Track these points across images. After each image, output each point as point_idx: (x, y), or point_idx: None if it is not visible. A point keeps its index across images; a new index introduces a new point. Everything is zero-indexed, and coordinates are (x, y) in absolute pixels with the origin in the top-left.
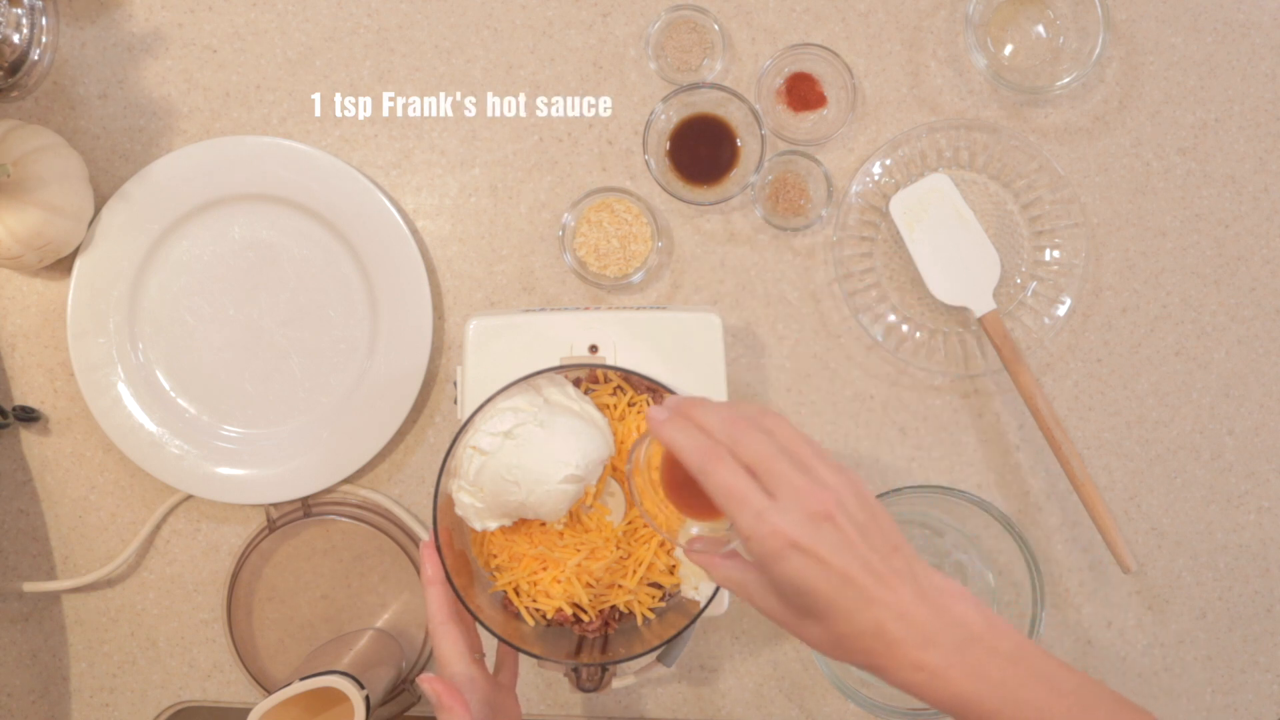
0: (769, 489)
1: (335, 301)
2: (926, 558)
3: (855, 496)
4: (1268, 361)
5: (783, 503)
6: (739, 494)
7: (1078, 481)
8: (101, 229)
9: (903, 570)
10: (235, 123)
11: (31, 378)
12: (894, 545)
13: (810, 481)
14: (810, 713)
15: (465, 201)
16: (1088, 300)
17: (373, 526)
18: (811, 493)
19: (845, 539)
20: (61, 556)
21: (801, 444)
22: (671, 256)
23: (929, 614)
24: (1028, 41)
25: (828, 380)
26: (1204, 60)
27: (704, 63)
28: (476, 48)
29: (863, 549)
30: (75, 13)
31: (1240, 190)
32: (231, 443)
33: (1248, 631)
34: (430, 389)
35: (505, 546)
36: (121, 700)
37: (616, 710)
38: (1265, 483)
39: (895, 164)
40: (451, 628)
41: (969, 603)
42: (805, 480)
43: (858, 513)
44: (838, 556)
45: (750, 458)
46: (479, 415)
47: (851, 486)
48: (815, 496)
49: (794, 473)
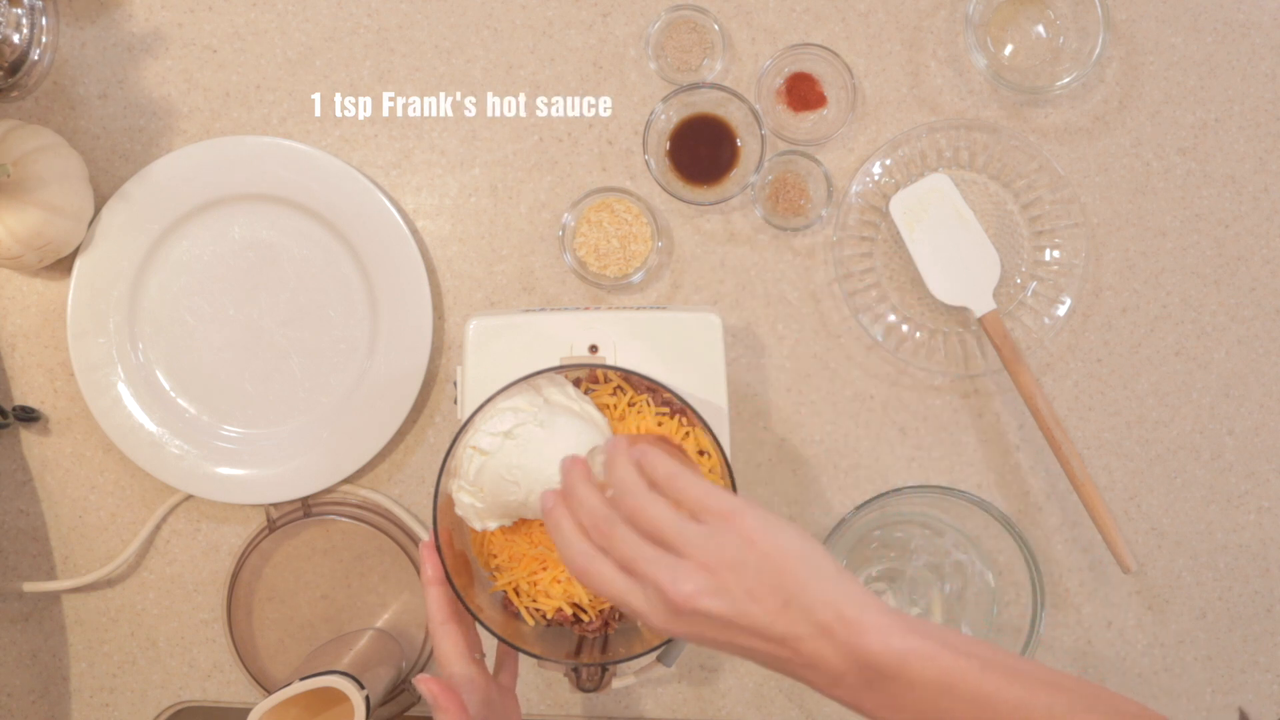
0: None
1: (335, 301)
2: (926, 558)
3: (736, 549)
4: (1268, 361)
5: (652, 601)
6: (617, 597)
7: (1078, 481)
8: (101, 229)
9: (798, 620)
10: (235, 123)
11: (31, 378)
12: (785, 599)
13: (673, 576)
14: (810, 713)
15: (465, 201)
16: (1088, 300)
17: (373, 526)
18: (673, 590)
19: (721, 620)
20: (61, 556)
21: (688, 493)
22: (671, 256)
23: (834, 655)
24: (1028, 41)
25: (828, 380)
26: (1204, 60)
27: (704, 63)
28: (476, 48)
29: (747, 620)
30: (75, 13)
31: (1240, 190)
32: (231, 443)
33: (1248, 631)
34: (430, 389)
35: (505, 546)
36: (121, 700)
37: (616, 710)
38: (1265, 483)
39: (895, 164)
40: (452, 628)
41: (888, 634)
42: (669, 574)
43: (737, 581)
44: (723, 633)
45: (619, 558)
46: (479, 415)
47: (733, 537)
48: (677, 594)
49: (660, 568)
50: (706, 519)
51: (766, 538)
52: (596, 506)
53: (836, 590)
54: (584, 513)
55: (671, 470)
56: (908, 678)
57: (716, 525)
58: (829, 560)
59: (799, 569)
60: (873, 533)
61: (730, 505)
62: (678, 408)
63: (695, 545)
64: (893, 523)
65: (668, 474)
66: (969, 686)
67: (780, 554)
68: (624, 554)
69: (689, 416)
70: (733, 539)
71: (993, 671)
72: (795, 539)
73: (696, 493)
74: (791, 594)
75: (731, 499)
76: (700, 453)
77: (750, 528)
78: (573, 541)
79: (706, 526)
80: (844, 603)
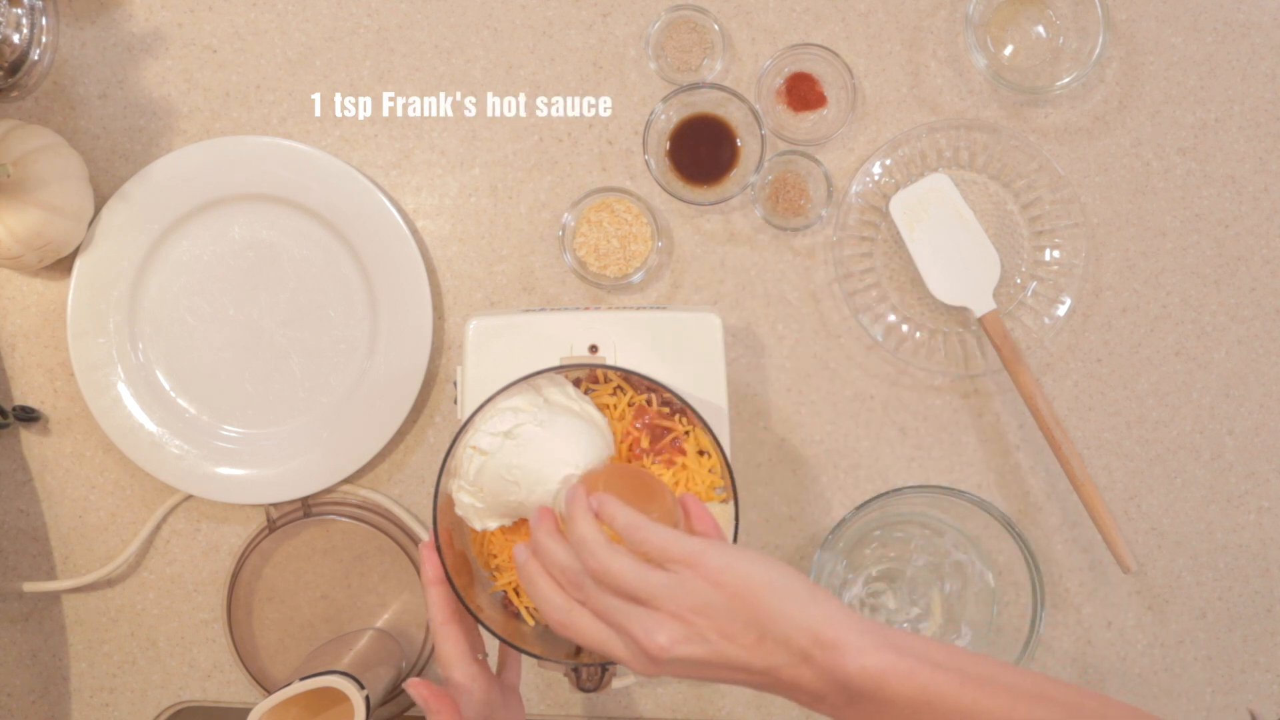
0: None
1: (335, 301)
2: (926, 558)
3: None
4: (1268, 361)
5: (631, 650)
6: (598, 648)
7: (1078, 481)
8: (101, 229)
9: (775, 650)
10: (235, 123)
11: (31, 378)
12: (760, 633)
13: (645, 628)
14: (810, 713)
15: (465, 201)
16: (1088, 300)
17: (373, 526)
18: (648, 642)
19: (700, 662)
20: (61, 556)
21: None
22: (671, 256)
23: (814, 679)
24: (1028, 41)
25: (828, 380)
26: (1204, 60)
27: (704, 63)
28: (476, 48)
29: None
30: (75, 13)
31: (1240, 190)
32: (231, 443)
33: (1248, 631)
34: (430, 389)
35: (505, 546)
36: (121, 700)
37: (616, 710)
38: (1265, 483)
39: (895, 164)
40: (453, 627)
41: (864, 654)
42: (640, 627)
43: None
44: (705, 672)
45: (596, 610)
46: (479, 415)
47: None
48: (651, 646)
49: (632, 622)
50: (670, 566)
51: (732, 576)
52: (566, 561)
53: (811, 613)
54: (554, 568)
55: (630, 521)
56: (886, 695)
57: (681, 572)
58: (801, 582)
59: (769, 599)
60: (873, 533)
61: (691, 550)
62: (678, 408)
63: (663, 596)
64: (893, 523)
65: (626, 525)
66: (948, 701)
67: (748, 589)
68: (597, 607)
69: (689, 416)
70: (699, 584)
71: (972, 685)
72: (761, 569)
73: (658, 541)
74: (765, 626)
75: (692, 542)
76: (700, 453)
77: (715, 569)
78: (549, 596)
79: (671, 574)
80: (820, 625)
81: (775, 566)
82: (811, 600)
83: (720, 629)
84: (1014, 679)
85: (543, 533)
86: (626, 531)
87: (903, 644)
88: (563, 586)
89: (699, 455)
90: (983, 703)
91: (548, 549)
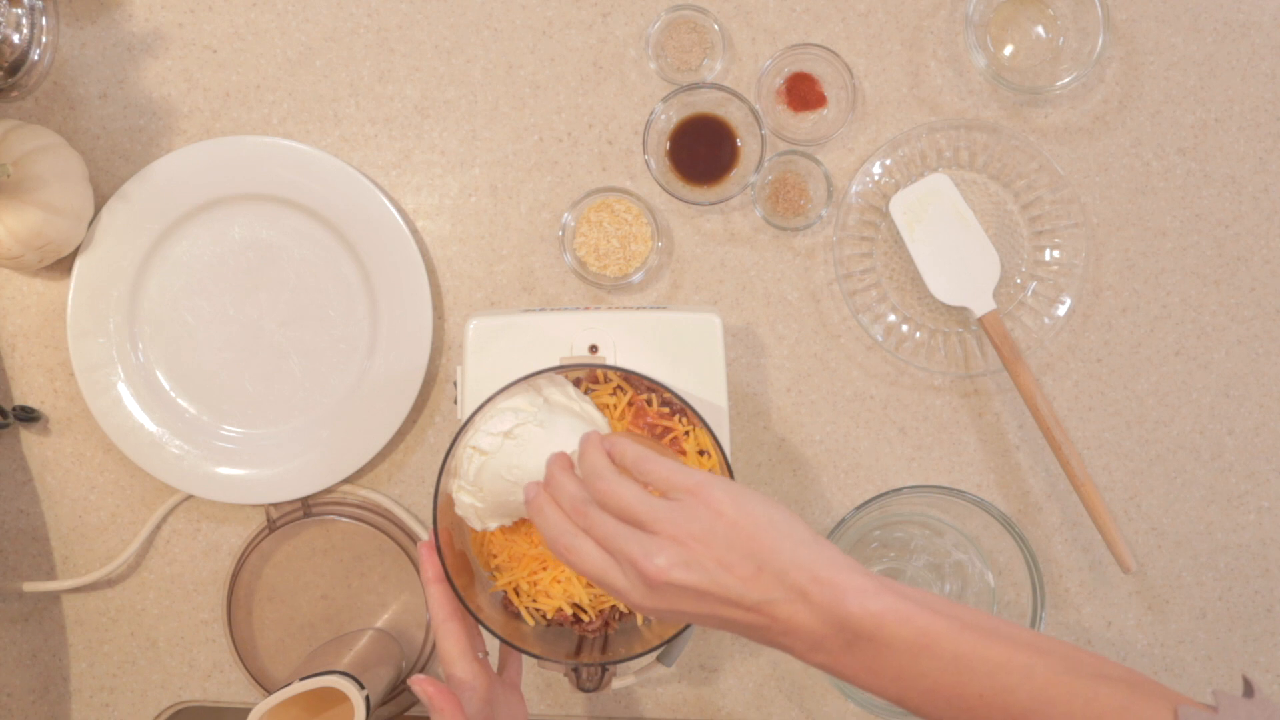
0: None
1: (335, 301)
2: (926, 558)
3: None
4: (1268, 361)
5: (630, 578)
6: (598, 575)
7: (1078, 481)
8: (101, 229)
9: (772, 584)
10: (235, 123)
11: (31, 378)
12: (758, 565)
13: (644, 550)
14: (810, 713)
15: (465, 201)
16: (1088, 300)
17: (373, 526)
18: (646, 564)
19: (696, 590)
20: (61, 556)
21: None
22: (671, 256)
23: (811, 618)
24: (1028, 41)
25: (828, 380)
26: (1204, 60)
27: (704, 63)
28: (476, 48)
29: (721, 589)
30: (75, 13)
31: (1240, 190)
32: (231, 443)
33: (1248, 631)
34: (430, 389)
35: (505, 546)
36: (121, 700)
37: (616, 710)
38: (1265, 483)
39: (895, 164)
40: (453, 626)
41: (864, 595)
42: (640, 549)
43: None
44: (700, 605)
45: (598, 537)
46: (479, 415)
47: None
48: (649, 568)
49: (632, 544)
50: (675, 496)
51: (734, 507)
52: (574, 490)
53: (811, 553)
54: (562, 497)
55: (639, 453)
56: (885, 638)
57: (685, 500)
58: (802, 527)
59: (769, 535)
60: (873, 533)
61: (697, 480)
62: (678, 408)
63: (664, 521)
64: (893, 523)
65: (635, 457)
66: (947, 647)
67: (749, 522)
68: (600, 533)
69: (689, 416)
70: (701, 511)
71: (972, 632)
72: (764, 507)
73: (663, 471)
74: (763, 559)
75: (698, 474)
76: (700, 452)
77: (717, 499)
78: (555, 522)
79: (675, 502)
80: (819, 565)
81: (779, 508)
82: (814, 542)
83: (718, 557)
84: (1011, 630)
85: (556, 468)
86: (635, 463)
87: (903, 590)
88: (569, 515)
89: (699, 455)
90: (980, 650)
91: (559, 481)
